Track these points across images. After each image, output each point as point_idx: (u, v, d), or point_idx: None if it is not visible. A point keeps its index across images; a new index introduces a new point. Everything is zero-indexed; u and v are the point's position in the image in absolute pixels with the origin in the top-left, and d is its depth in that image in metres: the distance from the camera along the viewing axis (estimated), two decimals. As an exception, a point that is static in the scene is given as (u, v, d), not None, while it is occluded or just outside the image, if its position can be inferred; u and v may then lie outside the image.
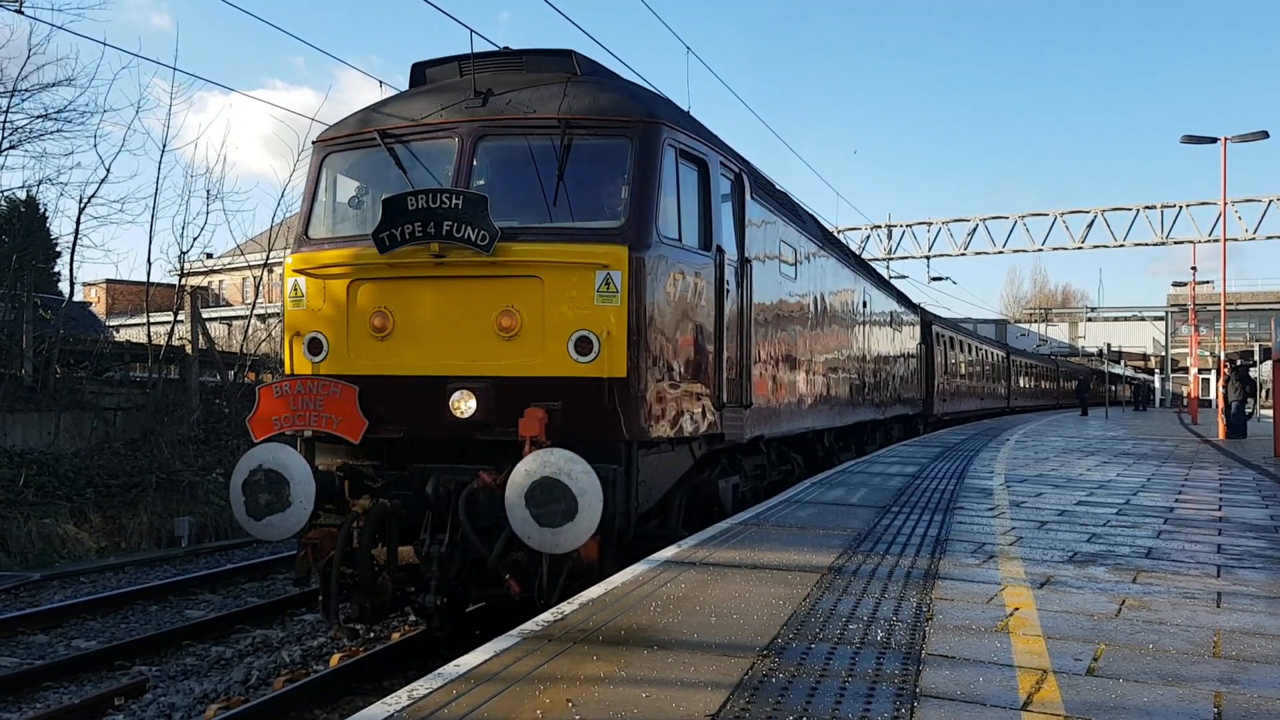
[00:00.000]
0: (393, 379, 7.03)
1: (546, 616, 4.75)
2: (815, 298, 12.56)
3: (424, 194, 6.73)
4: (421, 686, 3.71)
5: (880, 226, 51.02)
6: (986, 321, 74.99)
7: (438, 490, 6.70)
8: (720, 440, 8.30)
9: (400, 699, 3.57)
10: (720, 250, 8.13)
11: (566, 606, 4.95)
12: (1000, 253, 49.48)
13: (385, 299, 7.12)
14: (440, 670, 3.93)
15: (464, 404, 6.79)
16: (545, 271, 6.74)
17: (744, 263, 8.87)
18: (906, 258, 50.82)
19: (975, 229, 49.01)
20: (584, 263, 6.70)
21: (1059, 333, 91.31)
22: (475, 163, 7.27)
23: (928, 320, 25.43)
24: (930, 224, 50.46)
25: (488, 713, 3.45)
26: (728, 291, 8.24)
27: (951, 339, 29.20)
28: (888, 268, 48.45)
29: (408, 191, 6.85)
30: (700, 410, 7.74)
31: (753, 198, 9.41)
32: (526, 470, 6.17)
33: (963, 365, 31.68)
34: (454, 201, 6.66)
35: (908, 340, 22.06)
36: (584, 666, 3.96)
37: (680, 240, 7.45)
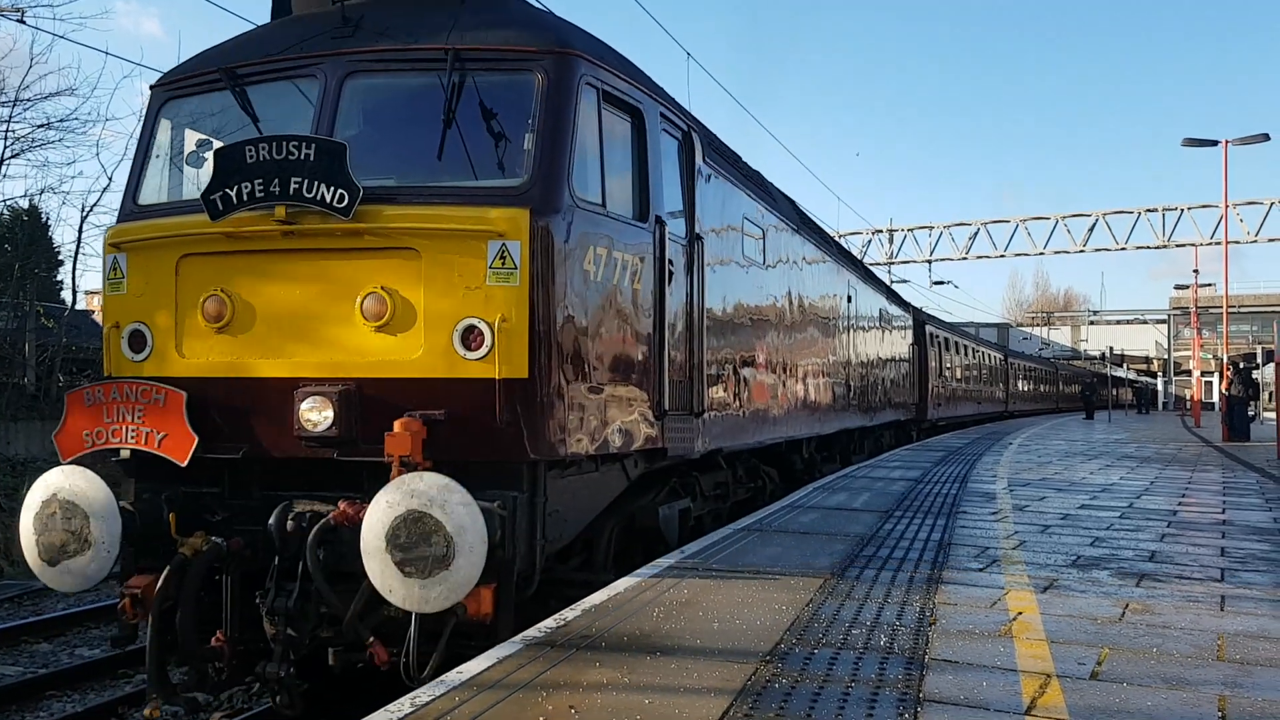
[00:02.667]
0: (231, 382, 5.60)
1: (549, 623, 4.75)
2: (789, 288, 11.24)
3: (266, 143, 5.38)
4: (424, 694, 3.71)
5: (882, 231, 51.02)
6: (989, 325, 75.00)
7: (282, 526, 5.21)
8: (662, 456, 6.96)
9: (403, 706, 3.57)
10: (661, 223, 6.74)
11: (569, 613, 4.95)
12: (1002, 256, 49.47)
13: (222, 280, 5.65)
14: (443, 678, 3.93)
15: (317, 414, 5.34)
16: (423, 242, 5.36)
17: (694, 240, 7.50)
18: (908, 262, 50.83)
19: (977, 233, 49.00)
20: (472, 230, 5.34)
21: (1061, 336, 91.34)
22: (343, 107, 5.91)
23: (921, 320, 24.49)
24: (932, 228, 50.45)
25: (491, 720, 3.45)
26: (672, 274, 6.93)
27: (946, 340, 28.13)
28: (889, 272, 48.47)
29: (245, 140, 5.52)
30: (634, 420, 6.41)
31: (706, 162, 8.02)
32: (387, 502, 4.75)
33: (959, 368, 30.49)
34: (304, 152, 5.32)
35: (899, 341, 20.93)
36: (587, 673, 3.96)
37: (605, 207, 6.09)
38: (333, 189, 5.30)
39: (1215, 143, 27.82)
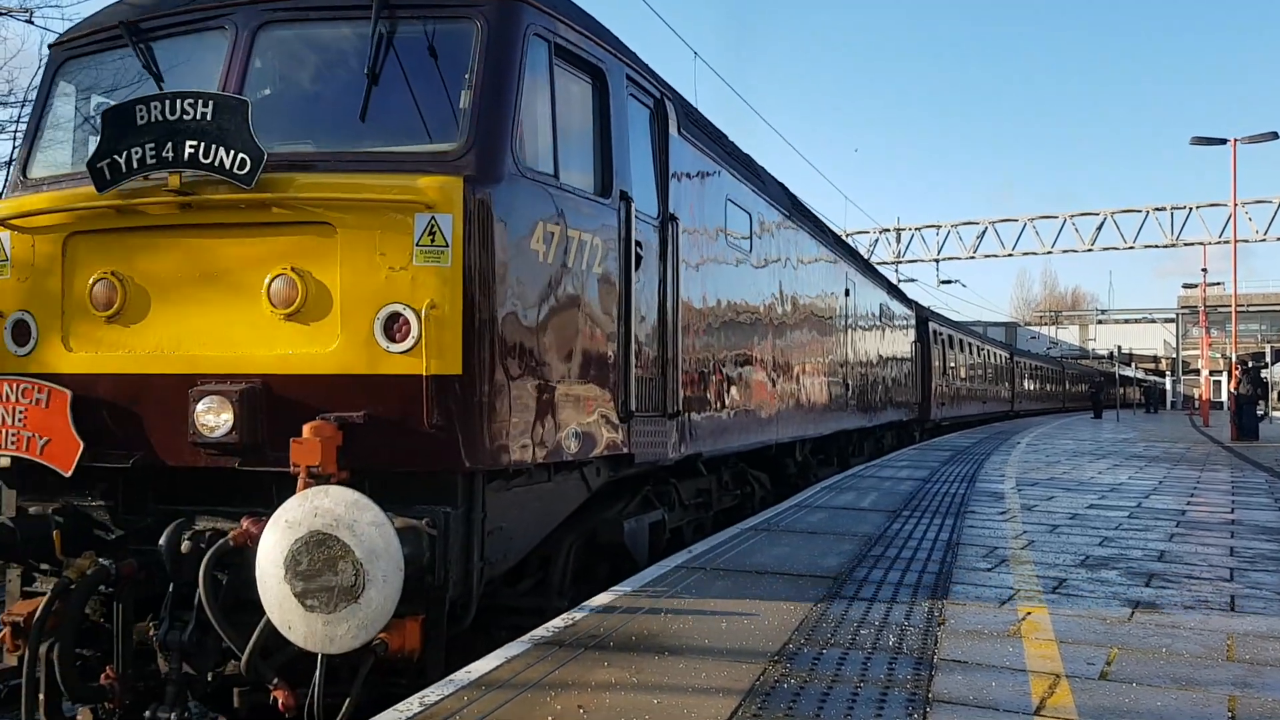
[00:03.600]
0: (122, 379, 4.93)
1: (557, 622, 4.75)
2: (780, 279, 10.43)
3: (157, 102, 4.68)
4: (432, 693, 3.71)
5: (889, 230, 51.02)
6: (996, 325, 74.90)
7: (176, 547, 4.57)
8: (629, 463, 6.28)
9: (412, 705, 3.58)
10: (626, 199, 6.04)
11: (577, 613, 4.95)
12: (1010, 255, 49.48)
13: (114, 261, 4.97)
14: (452, 677, 3.94)
15: (214, 416, 4.66)
16: (339, 216, 4.69)
17: (668, 222, 6.77)
18: (915, 261, 50.82)
19: (984, 232, 48.96)
20: (396, 201, 4.66)
21: (1069, 335, 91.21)
22: (255, 62, 5.22)
23: (924, 316, 23.75)
24: (939, 227, 50.43)
25: (499, 719, 3.45)
26: (640, 258, 6.23)
27: (950, 337, 27.37)
28: (896, 271, 48.41)
29: (136, 98, 4.80)
30: (594, 423, 5.72)
31: (682, 135, 7.25)
32: (287, 521, 4.12)
33: (963, 366, 29.77)
34: (200, 111, 4.63)
35: (900, 338, 20.18)
36: (595, 673, 3.96)
37: (557, 177, 5.40)
38: (233, 153, 4.59)
39: (1224, 141, 27.77)
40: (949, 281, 51.96)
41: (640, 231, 6.28)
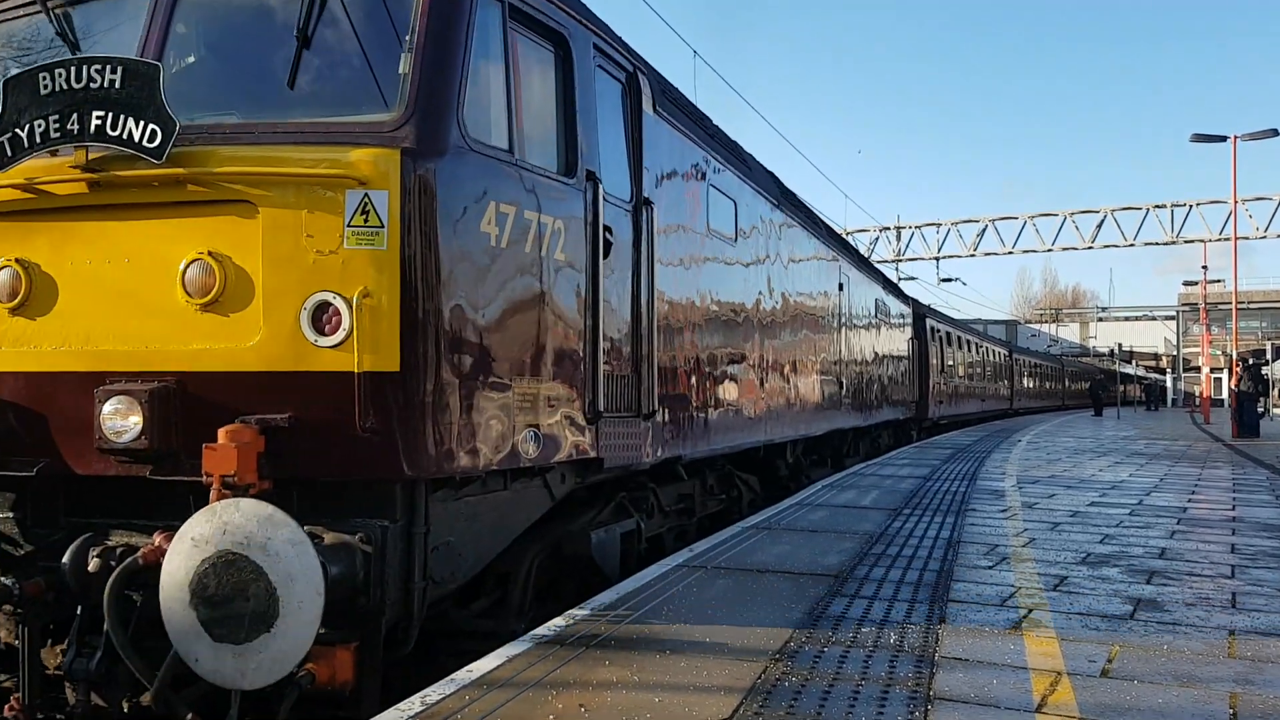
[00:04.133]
0: (26, 378, 4.49)
1: (559, 621, 4.75)
2: (768, 271, 9.87)
3: (62, 69, 4.24)
4: (434, 692, 3.71)
5: (889, 228, 50.99)
6: (996, 322, 74.89)
7: (81, 565, 4.15)
8: (598, 468, 5.80)
9: (413, 704, 3.58)
10: (594, 180, 5.55)
11: (578, 611, 4.95)
12: (1010, 253, 49.43)
13: (18, 248, 4.51)
14: (453, 676, 3.93)
15: (120, 419, 4.19)
16: (262, 193, 4.23)
17: (642, 206, 6.29)
18: (915, 259, 50.79)
19: (984, 230, 48.93)
20: (324, 176, 4.20)
21: (1070, 333, 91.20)
22: (176, 26, 4.74)
23: (921, 313, 23.30)
24: (939, 225, 50.40)
25: (501, 718, 3.46)
26: (610, 245, 5.76)
27: (949, 334, 26.88)
28: (897, 270, 48.39)
29: (40, 65, 4.34)
30: (557, 425, 5.22)
31: (658, 113, 6.77)
32: (193, 539, 3.73)
33: (961, 364, 29.29)
34: (108, 78, 4.18)
35: (897, 335, 19.66)
36: (596, 671, 3.96)
37: (513, 153, 4.89)
38: (143, 125, 4.13)
39: (1224, 138, 27.74)
40: (949, 279, 51.94)
41: (610, 216, 5.79)
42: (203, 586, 3.68)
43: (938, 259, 50.40)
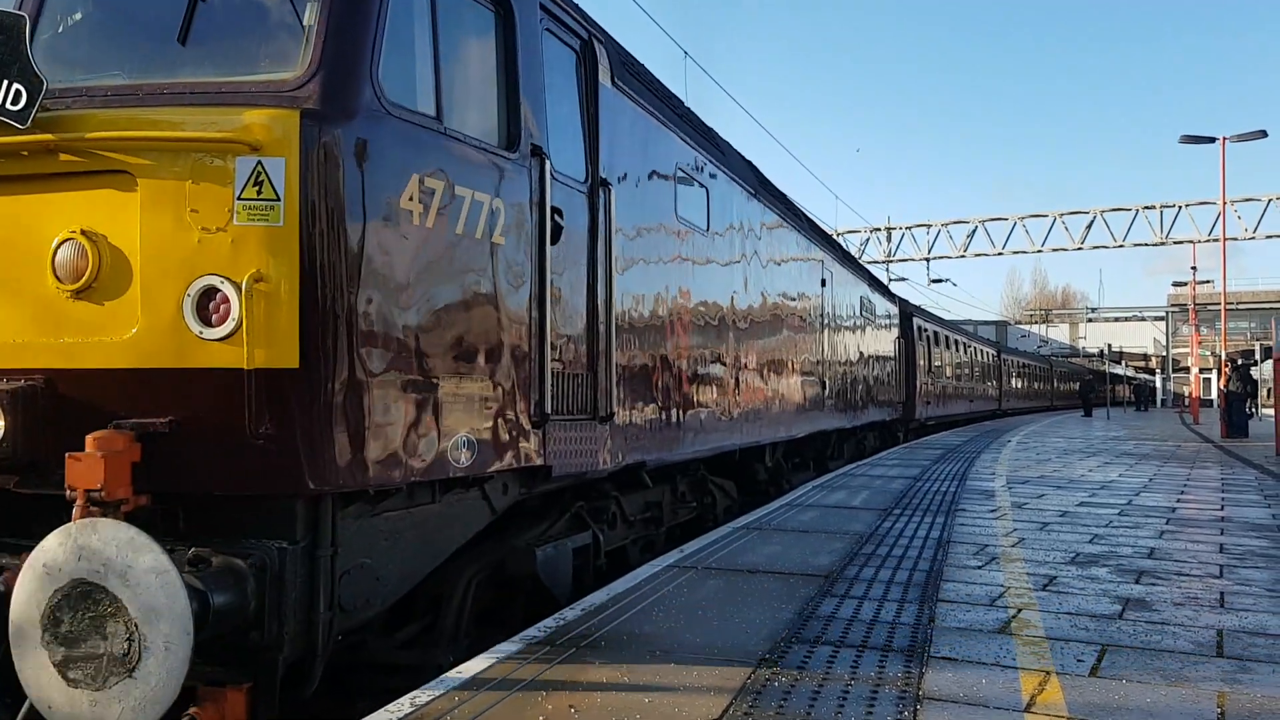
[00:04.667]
0: None
1: (549, 622, 4.75)
2: (744, 264, 9.31)
3: None
4: (424, 694, 3.70)
5: (879, 229, 51.06)
6: (986, 323, 75.08)
7: None
8: (546, 477, 5.25)
9: (403, 706, 3.57)
10: (540, 155, 4.98)
11: (569, 612, 4.95)
12: (1000, 254, 49.51)
13: None
14: (443, 677, 3.92)
15: None
16: (141, 162, 3.70)
17: (599, 188, 5.76)
18: (906, 260, 50.86)
19: (974, 231, 49.03)
20: (209, 141, 3.67)
21: (1060, 334, 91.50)
22: None
23: (908, 312, 22.75)
24: (929, 226, 50.49)
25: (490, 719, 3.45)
26: (560, 229, 5.20)
27: (936, 334, 26.37)
28: (887, 270, 48.51)
29: None
30: (496, 429, 4.64)
31: (617, 86, 6.19)
32: (45, 566, 3.28)
33: (949, 364, 28.81)
34: None
35: (883, 333, 19.12)
36: (587, 672, 3.96)
37: (440, 120, 4.32)
38: (5, 84, 3.65)
39: (1213, 139, 27.87)
40: (940, 280, 52.06)
41: (561, 198, 5.24)
42: (56, 621, 3.19)
43: (928, 260, 50.49)
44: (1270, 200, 42.83)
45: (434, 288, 4.27)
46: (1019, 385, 49.25)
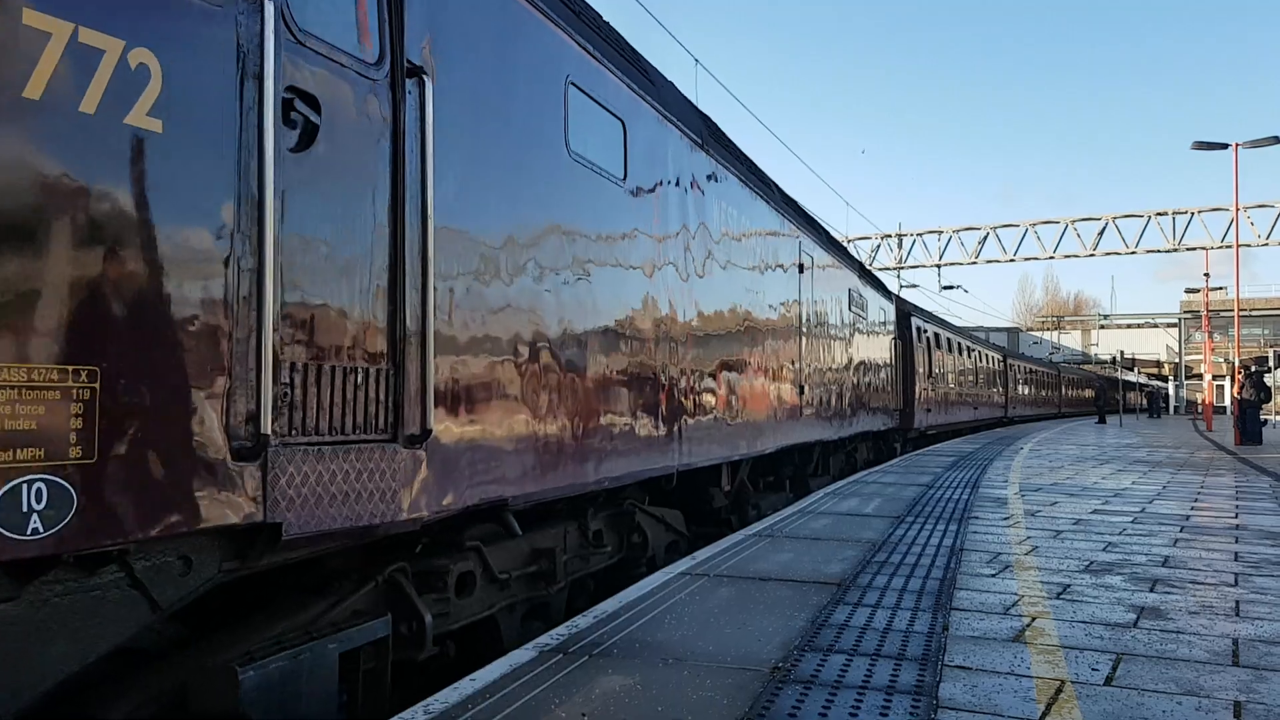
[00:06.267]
0: None
1: (561, 630, 4.75)
2: (688, 234, 7.54)
3: None
4: (437, 702, 3.71)
5: (891, 235, 51.04)
6: (999, 330, 74.91)
7: None
8: (274, 542, 3.39)
9: (416, 714, 3.58)
10: (258, 2, 3.31)
11: (582, 620, 4.95)
12: (1012, 261, 49.47)
13: None
14: (456, 685, 3.93)
15: None
16: None
17: (404, 77, 4.01)
18: (917, 266, 50.84)
19: (986, 237, 48.97)
20: None
21: (1072, 340, 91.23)
22: None
23: (906, 311, 21.15)
24: (941, 232, 50.45)
25: (504, 727, 3.46)
26: (316, 130, 3.59)
27: (937, 336, 24.65)
28: (898, 277, 48.47)
29: None
30: (139, 463, 2.87)
31: None
32: None
33: (951, 369, 27.17)
34: None
35: (878, 333, 17.48)
36: (599, 680, 3.96)
37: None
38: None
39: (1225, 146, 27.75)
40: (951, 287, 51.98)
41: (318, 81, 3.59)
42: None
43: (939, 266, 50.44)
44: (1284, 206, 42.62)
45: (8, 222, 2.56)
46: (1026, 392, 48.57)
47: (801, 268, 11.39)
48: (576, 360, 5.68)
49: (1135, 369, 79.84)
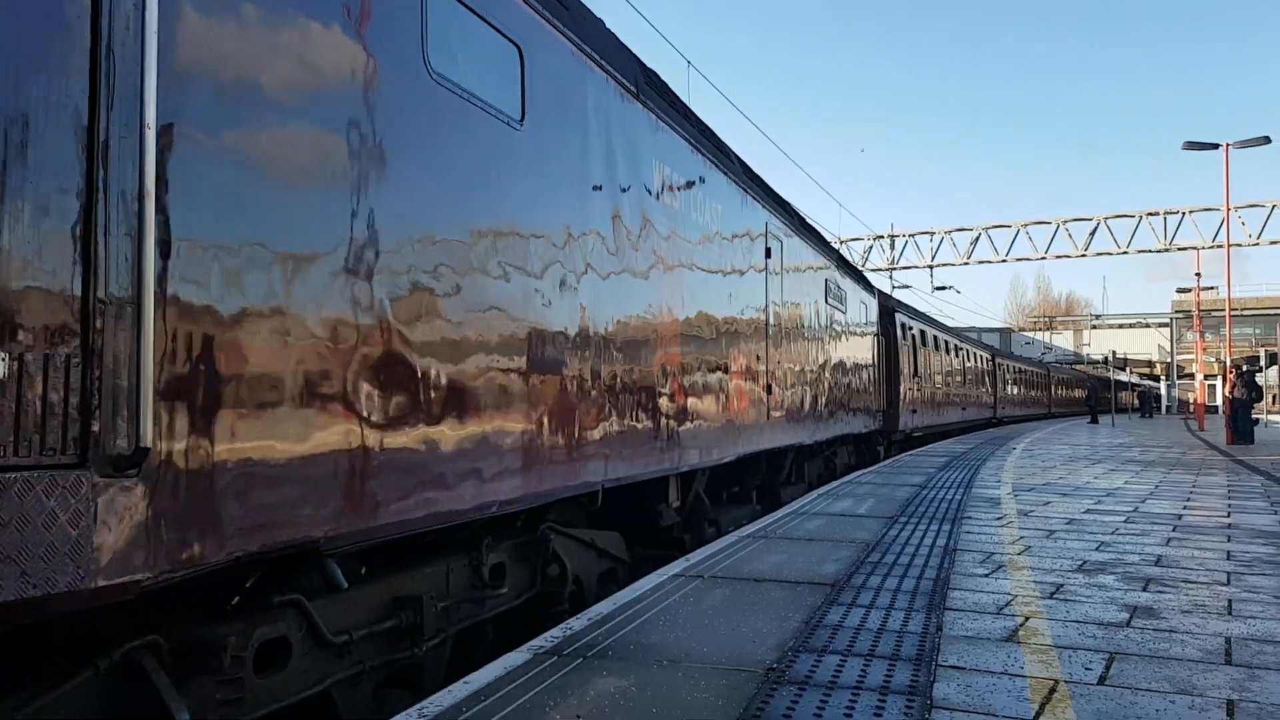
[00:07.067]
0: None
1: (555, 632, 4.74)
2: (618, 192, 6.41)
3: None
4: (431, 705, 3.70)
5: (883, 237, 51.09)
6: (991, 330, 75.06)
7: None
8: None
9: (410, 717, 3.57)
10: None
11: (576, 622, 4.94)
12: (1004, 261, 49.51)
13: None
14: (450, 688, 3.92)
15: None
16: None
17: None
18: (910, 267, 50.89)
19: (978, 238, 49.03)
20: None
21: (1064, 341, 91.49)
22: None
23: (890, 307, 20.30)
24: (933, 233, 50.49)
25: (498, 730, 3.45)
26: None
27: (923, 333, 23.74)
28: (891, 278, 48.55)
29: None
30: None
31: None
32: None
33: (938, 369, 26.19)
34: None
35: (858, 328, 16.36)
36: (594, 682, 3.95)
37: None
38: None
39: (1216, 146, 27.85)
40: (943, 288, 52.08)
41: None
42: None
43: (931, 267, 50.50)
44: (1274, 206, 42.79)
45: None
46: (1015, 392, 48.32)
47: (769, 252, 10.24)
48: (442, 350, 4.26)
49: (1127, 369, 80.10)
